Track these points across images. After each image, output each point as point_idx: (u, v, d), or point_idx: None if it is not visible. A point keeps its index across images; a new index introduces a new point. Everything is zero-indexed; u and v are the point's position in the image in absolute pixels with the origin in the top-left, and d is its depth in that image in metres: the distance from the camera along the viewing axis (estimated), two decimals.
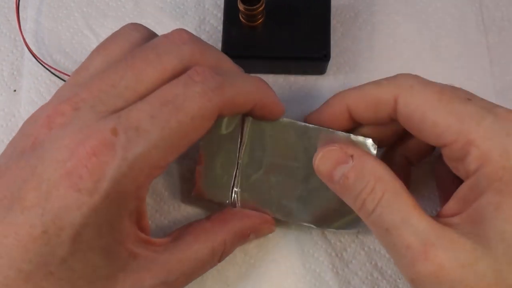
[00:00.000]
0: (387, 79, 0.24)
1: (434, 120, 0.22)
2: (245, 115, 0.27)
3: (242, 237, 0.26)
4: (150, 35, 0.25)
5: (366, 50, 0.32)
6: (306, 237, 0.29)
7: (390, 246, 0.22)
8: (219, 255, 0.25)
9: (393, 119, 0.24)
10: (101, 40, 0.25)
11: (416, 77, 0.23)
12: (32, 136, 0.21)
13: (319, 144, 0.26)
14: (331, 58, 0.30)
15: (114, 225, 0.21)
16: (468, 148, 0.21)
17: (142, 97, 0.21)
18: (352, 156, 0.23)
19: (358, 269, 0.29)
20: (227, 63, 0.25)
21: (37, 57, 0.32)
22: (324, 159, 0.24)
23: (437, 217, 0.22)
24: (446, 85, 0.23)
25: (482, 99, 0.22)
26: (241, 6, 0.28)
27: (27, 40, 0.32)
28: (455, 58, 0.32)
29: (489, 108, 0.21)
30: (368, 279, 0.29)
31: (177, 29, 0.24)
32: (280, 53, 0.30)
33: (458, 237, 0.20)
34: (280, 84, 0.32)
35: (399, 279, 0.29)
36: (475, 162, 0.20)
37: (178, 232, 0.26)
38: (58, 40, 0.33)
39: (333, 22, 0.32)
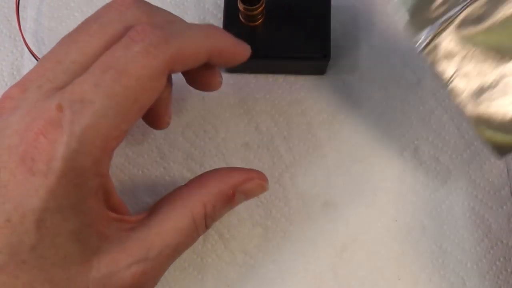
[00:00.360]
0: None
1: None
2: None
3: (226, 199, 0.25)
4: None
5: (366, 50, 0.32)
6: (306, 237, 0.29)
7: None
8: (202, 221, 0.24)
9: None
10: None
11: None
12: None
13: None
14: (331, 58, 0.30)
15: (77, 207, 0.20)
16: None
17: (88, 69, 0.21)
18: None
19: (358, 269, 0.29)
20: (178, 20, 0.24)
21: (37, 57, 0.32)
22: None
23: None
24: None
25: None
26: (241, 6, 0.28)
27: (27, 40, 0.32)
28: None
29: None
30: (368, 279, 0.29)
31: None
32: (280, 53, 0.30)
33: None
34: (280, 84, 0.32)
35: (399, 279, 0.29)
36: None
37: (155, 205, 0.24)
38: (58, 40, 0.33)
39: (333, 22, 0.32)
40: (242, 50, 0.25)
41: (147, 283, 0.23)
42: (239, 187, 0.25)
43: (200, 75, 0.27)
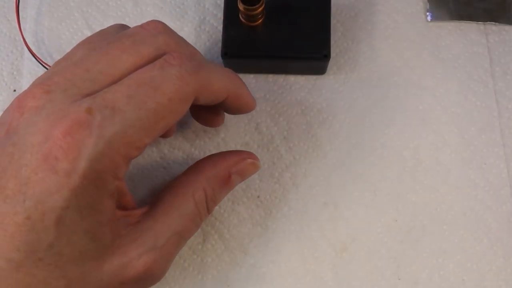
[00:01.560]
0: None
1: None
2: None
3: (223, 181, 0.26)
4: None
5: (366, 50, 0.32)
6: (306, 237, 0.29)
7: None
8: (204, 204, 0.25)
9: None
10: None
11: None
12: (6, 124, 0.21)
13: None
14: (331, 58, 0.30)
15: (95, 206, 0.21)
16: None
17: (117, 81, 0.21)
18: None
19: (358, 269, 0.29)
20: (201, 55, 0.26)
21: (37, 57, 0.32)
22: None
23: None
24: None
25: None
26: (241, 6, 0.28)
27: (27, 40, 0.32)
28: (455, 58, 0.32)
29: None
30: (368, 279, 0.29)
31: (152, 20, 0.24)
32: (280, 53, 0.30)
33: None
34: (280, 84, 0.32)
35: (399, 279, 0.29)
36: None
37: (157, 196, 0.25)
38: (58, 40, 0.33)
39: (333, 22, 0.32)
40: (252, 102, 0.27)
41: (159, 270, 0.23)
42: (233, 168, 0.26)
43: (207, 112, 0.29)
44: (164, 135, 0.29)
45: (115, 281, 0.22)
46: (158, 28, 0.24)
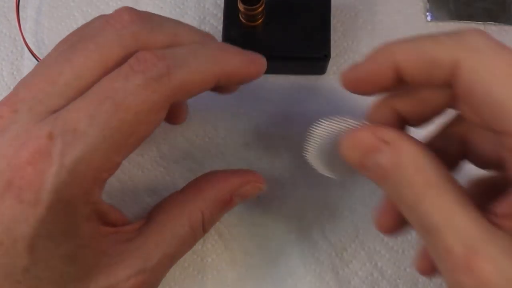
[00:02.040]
0: (448, 34, 0.19)
1: (501, 100, 0.17)
2: None
3: (223, 204, 0.24)
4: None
5: (367, 50, 0.32)
6: (306, 237, 0.29)
7: (430, 246, 0.19)
8: (200, 227, 0.24)
9: (449, 85, 0.19)
10: None
11: (485, 36, 0.18)
12: None
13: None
14: (331, 58, 0.30)
15: (70, 232, 0.20)
16: None
17: (83, 93, 0.20)
18: (386, 142, 0.19)
19: (358, 269, 0.29)
20: (183, 34, 0.22)
21: (37, 57, 0.32)
22: (353, 147, 0.20)
23: (489, 213, 0.18)
24: None
25: None
26: (241, 6, 0.28)
27: (27, 40, 0.32)
28: None
29: None
30: (368, 279, 0.29)
31: (118, 9, 0.22)
32: (280, 53, 0.30)
33: (509, 244, 0.17)
34: (280, 84, 0.32)
35: (399, 279, 0.29)
36: None
37: (151, 212, 0.24)
38: (58, 40, 0.33)
39: (333, 22, 0.32)
40: (254, 69, 0.23)
41: None
42: (236, 191, 0.25)
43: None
44: (175, 121, 0.27)
45: None
46: (124, 20, 0.21)
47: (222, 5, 0.30)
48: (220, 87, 0.24)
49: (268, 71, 0.32)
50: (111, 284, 0.21)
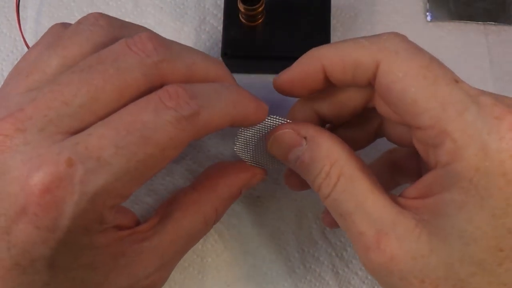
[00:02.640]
0: (369, 38, 0.21)
1: (414, 99, 0.19)
2: None
3: (233, 198, 0.25)
4: (115, 32, 0.22)
5: None
6: (306, 237, 0.29)
7: (345, 229, 0.21)
8: (212, 223, 0.25)
9: (371, 84, 0.21)
10: None
11: (402, 39, 0.20)
12: None
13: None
14: None
15: (87, 246, 0.20)
16: (443, 138, 0.18)
17: (100, 117, 0.19)
18: (305, 138, 0.22)
19: (358, 269, 0.29)
20: (199, 63, 0.22)
21: None
22: (277, 143, 0.23)
23: (399, 196, 0.21)
24: (434, 58, 0.20)
25: (466, 83, 0.20)
26: (241, 6, 0.28)
27: (27, 40, 0.32)
28: (455, 58, 0.32)
29: (475, 95, 0.19)
30: (368, 279, 0.29)
31: (141, 35, 0.21)
32: (280, 53, 0.30)
33: (414, 225, 0.19)
34: None
35: None
36: (448, 155, 0.19)
37: (165, 209, 0.24)
38: None
39: (333, 22, 0.32)
40: (260, 115, 0.23)
41: (162, 283, 0.24)
42: (245, 184, 0.26)
43: None
44: None
45: None
46: (146, 48, 0.20)
47: (222, 5, 0.31)
48: None
49: (268, 71, 0.32)
50: (131, 283, 0.22)
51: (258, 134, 0.25)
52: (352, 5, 0.33)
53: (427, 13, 0.33)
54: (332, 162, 0.21)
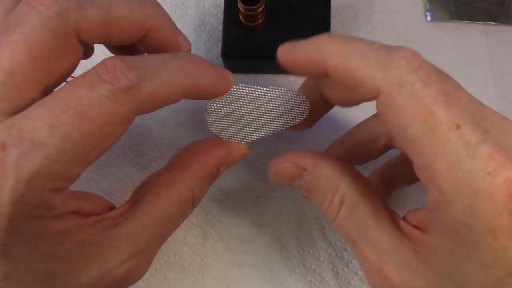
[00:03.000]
0: (379, 53, 0.19)
1: (409, 139, 0.18)
2: None
3: (211, 176, 0.24)
4: None
5: None
6: (306, 237, 0.29)
7: (353, 251, 0.22)
8: (190, 204, 0.23)
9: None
10: None
11: (412, 70, 0.18)
12: None
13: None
14: None
15: (41, 234, 0.19)
16: (433, 187, 0.18)
17: (29, 91, 0.19)
18: (305, 169, 0.22)
19: (358, 269, 0.29)
20: (121, 9, 0.21)
21: None
22: (278, 176, 0.23)
23: (402, 219, 0.21)
24: (440, 95, 0.18)
25: (471, 126, 0.17)
26: (241, 6, 0.28)
27: None
28: (455, 58, 0.32)
29: (474, 145, 0.17)
30: None
31: None
32: None
33: (412, 256, 0.19)
34: (280, 84, 0.32)
35: None
36: (436, 204, 0.18)
37: (137, 193, 0.23)
38: None
39: (333, 22, 0.32)
40: (222, 85, 0.22)
41: (140, 272, 0.23)
42: (222, 162, 0.24)
43: (163, 48, 0.23)
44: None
45: None
46: (46, 0, 0.19)
47: (222, 5, 0.31)
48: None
49: (268, 71, 0.32)
50: (103, 272, 0.21)
51: (228, 106, 0.24)
52: (352, 5, 0.33)
53: (427, 13, 0.33)
54: (333, 191, 0.21)
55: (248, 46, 0.30)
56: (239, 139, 0.24)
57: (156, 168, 0.31)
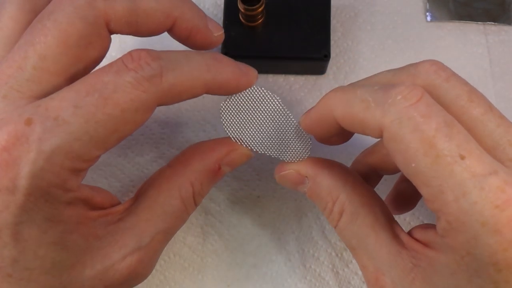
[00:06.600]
0: (377, 94, 0.19)
1: (414, 173, 0.18)
2: None
3: (212, 174, 0.24)
4: None
5: (366, 50, 0.32)
6: (306, 237, 0.29)
7: (354, 258, 0.22)
8: (191, 200, 0.23)
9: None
10: None
11: (411, 105, 0.18)
12: None
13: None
14: (331, 58, 0.30)
15: (53, 218, 0.19)
16: (440, 215, 0.18)
17: (58, 75, 0.20)
18: (307, 177, 0.23)
19: (358, 269, 0.29)
20: (149, 1, 0.22)
21: None
22: (283, 182, 0.24)
23: (404, 232, 0.21)
24: (441, 126, 0.17)
25: (479, 156, 0.17)
26: (241, 6, 0.28)
27: None
28: (455, 58, 0.32)
29: (482, 176, 0.17)
30: None
31: None
32: (280, 53, 0.30)
33: (410, 269, 0.19)
34: (280, 84, 0.32)
35: None
36: (442, 231, 0.18)
37: (140, 189, 0.24)
38: None
39: (333, 22, 0.32)
40: (245, 80, 0.23)
41: (144, 269, 0.23)
42: (224, 159, 0.24)
43: (194, 35, 0.24)
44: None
45: (99, 286, 0.21)
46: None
47: (222, 5, 0.31)
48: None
49: (268, 71, 0.32)
50: (107, 266, 0.21)
51: (243, 105, 0.24)
52: (352, 5, 0.33)
53: (427, 13, 0.33)
54: (334, 200, 0.22)
55: (248, 46, 0.30)
56: (244, 142, 0.24)
57: (156, 168, 0.31)
